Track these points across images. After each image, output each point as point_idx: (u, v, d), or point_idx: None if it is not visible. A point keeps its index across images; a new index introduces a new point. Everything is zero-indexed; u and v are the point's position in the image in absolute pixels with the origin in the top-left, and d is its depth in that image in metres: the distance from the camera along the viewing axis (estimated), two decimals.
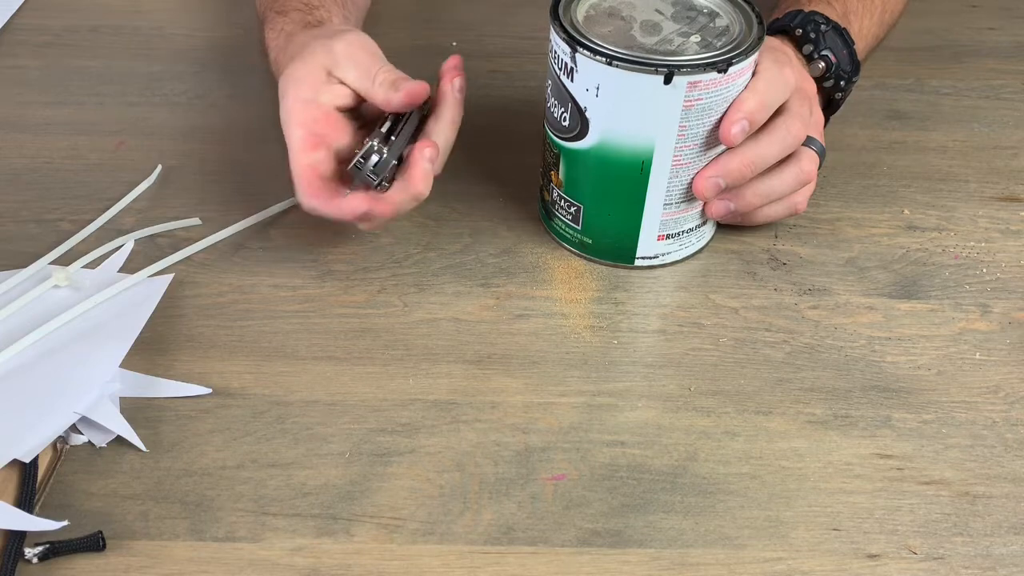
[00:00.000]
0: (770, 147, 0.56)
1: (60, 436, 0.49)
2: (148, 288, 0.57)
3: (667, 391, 0.53)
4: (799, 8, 0.63)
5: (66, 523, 0.45)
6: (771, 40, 0.58)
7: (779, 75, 0.55)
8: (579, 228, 0.60)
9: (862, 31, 0.66)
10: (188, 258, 0.60)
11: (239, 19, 0.83)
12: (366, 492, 0.48)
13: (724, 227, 0.63)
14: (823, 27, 0.61)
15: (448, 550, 0.46)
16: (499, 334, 0.56)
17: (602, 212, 0.58)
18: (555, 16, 0.55)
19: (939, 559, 0.46)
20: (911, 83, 0.78)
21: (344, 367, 0.54)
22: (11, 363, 0.52)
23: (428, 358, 0.55)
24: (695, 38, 0.54)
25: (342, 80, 0.56)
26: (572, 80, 0.54)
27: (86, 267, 0.58)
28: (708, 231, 0.61)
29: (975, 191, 0.68)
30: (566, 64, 0.54)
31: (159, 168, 0.66)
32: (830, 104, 0.63)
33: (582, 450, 0.50)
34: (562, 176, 0.58)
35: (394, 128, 0.55)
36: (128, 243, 0.60)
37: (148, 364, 0.53)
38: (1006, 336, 0.57)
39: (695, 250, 0.61)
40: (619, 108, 0.54)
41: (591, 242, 0.60)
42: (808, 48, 0.61)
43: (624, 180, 0.56)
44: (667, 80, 0.52)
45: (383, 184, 0.54)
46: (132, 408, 0.51)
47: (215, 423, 0.51)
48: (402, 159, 0.55)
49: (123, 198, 0.63)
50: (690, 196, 0.57)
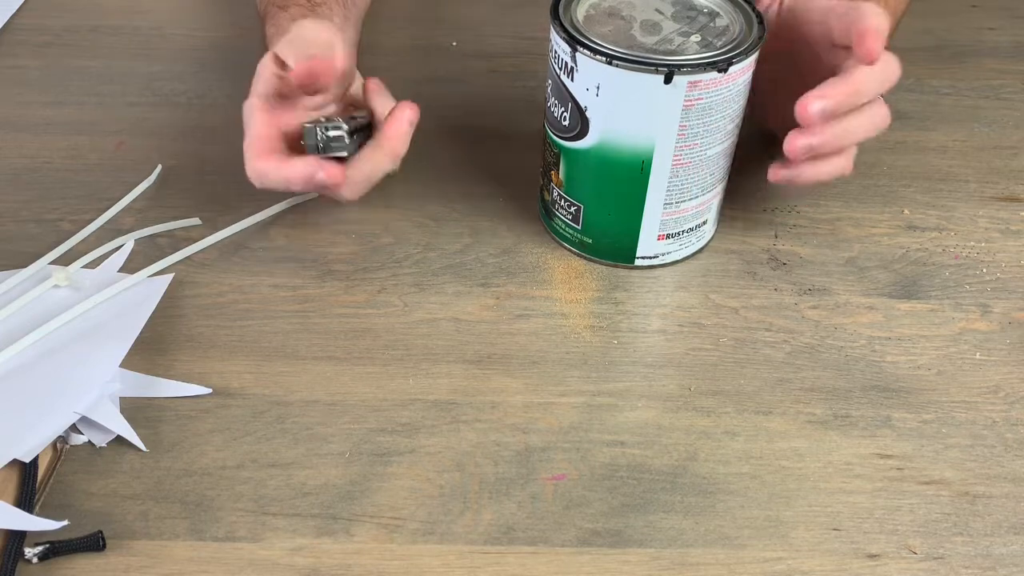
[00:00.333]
0: (874, 78, 0.55)
1: (60, 436, 0.49)
2: (148, 288, 0.57)
3: (667, 391, 0.53)
4: None
5: (66, 523, 0.45)
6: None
7: (870, 5, 0.55)
8: (579, 228, 0.60)
9: (889, 5, 0.66)
10: (188, 258, 0.60)
11: (239, 19, 0.83)
12: (366, 492, 0.48)
13: (724, 227, 0.63)
14: None
15: (448, 550, 0.46)
16: (499, 334, 0.56)
17: (602, 212, 0.58)
18: (555, 16, 0.55)
19: (939, 559, 0.46)
20: (911, 83, 0.78)
21: (344, 367, 0.54)
22: (11, 363, 0.52)
23: (428, 358, 0.55)
24: (695, 38, 0.54)
25: (286, 63, 0.57)
26: (572, 80, 0.54)
27: (86, 267, 0.58)
28: (708, 231, 0.61)
29: (975, 191, 0.68)
30: (566, 63, 0.54)
31: (159, 168, 0.66)
32: None
33: (582, 450, 0.50)
34: (562, 176, 0.58)
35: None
36: (128, 243, 0.60)
37: (148, 364, 0.53)
38: (1006, 336, 0.57)
39: (695, 250, 0.61)
40: (619, 108, 0.54)
41: (591, 242, 0.60)
42: None
43: (624, 180, 0.56)
44: (667, 80, 0.52)
45: (338, 148, 0.55)
46: (132, 408, 0.51)
47: (215, 423, 0.51)
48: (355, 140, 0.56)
49: (123, 198, 0.63)
50: (691, 195, 0.57)
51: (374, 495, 0.48)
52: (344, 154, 0.55)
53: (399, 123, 0.56)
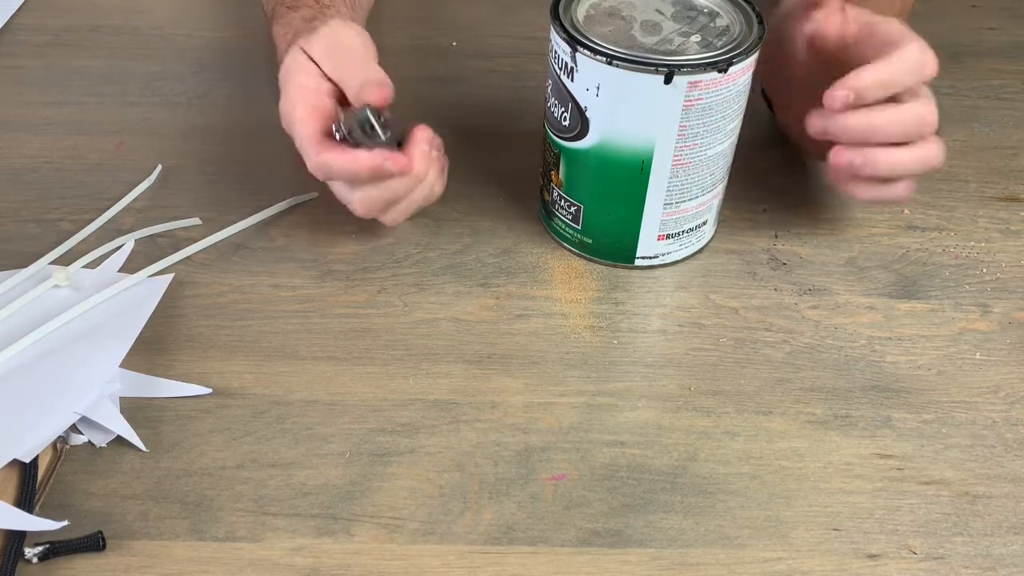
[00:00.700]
0: (894, 67, 0.56)
1: (60, 436, 0.49)
2: (148, 288, 0.57)
3: (667, 391, 0.53)
4: None
5: (66, 523, 0.45)
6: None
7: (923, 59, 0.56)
8: (579, 228, 0.60)
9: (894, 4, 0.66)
10: (188, 258, 0.60)
11: (239, 19, 0.83)
12: (366, 492, 0.48)
13: (724, 227, 0.63)
14: None
15: (448, 550, 0.46)
16: (499, 334, 0.56)
17: (602, 212, 0.58)
18: (555, 16, 0.55)
19: (939, 559, 0.46)
20: None
21: (344, 367, 0.54)
22: (11, 363, 0.52)
23: (428, 358, 0.55)
24: (695, 38, 0.54)
25: (322, 69, 0.57)
26: (572, 80, 0.54)
27: (86, 267, 0.58)
28: (708, 231, 0.61)
29: (975, 191, 0.68)
30: (566, 64, 0.54)
31: (159, 168, 0.66)
32: None
33: (582, 450, 0.50)
34: (562, 176, 0.58)
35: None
36: (128, 243, 0.60)
37: (148, 364, 0.53)
38: (1006, 336, 0.57)
39: (695, 250, 0.61)
40: (619, 108, 0.54)
41: (591, 242, 0.60)
42: None
43: (624, 180, 0.56)
44: (667, 80, 0.52)
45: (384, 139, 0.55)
46: (132, 408, 0.51)
47: (215, 423, 0.51)
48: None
49: (123, 198, 0.63)
50: (690, 196, 0.57)
51: (374, 495, 0.48)
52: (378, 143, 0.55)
53: (416, 144, 0.55)
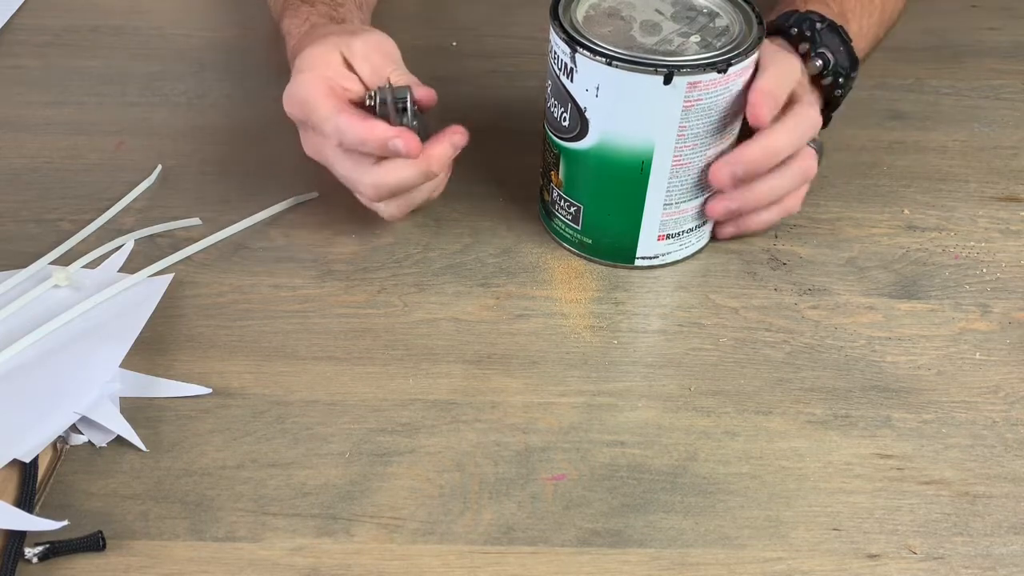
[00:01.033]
0: (789, 136, 0.56)
1: (60, 436, 0.49)
2: (148, 288, 0.57)
3: (667, 391, 0.53)
4: (794, 8, 0.63)
5: (66, 523, 0.45)
6: (766, 43, 0.57)
7: (786, 59, 0.55)
8: (579, 228, 0.60)
9: (861, 30, 0.66)
10: (188, 258, 0.60)
11: (239, 19, 0.83)
12: (366, 492, 0.48)
13: None
14: (819, 25, 0.61)
15: (448, 550, 0.46)
16: (499, 334, 0.56)
17: (602, 212, 0.58)
18: (555, 16, 0.55)
19: (939, 559, 0.46)
20: (911, 83, 0.78)
21: (344, 367, 0.54)
22: (11, 363, 0.52)
23: (428, 358, 0.55)
24: (695, 38, 0.54)
25: (357, 73, 0.57)
26: (572, 80, 0.54)
27: (86, 267, 0.58)
28: (708, 231, 0.61)
29: (975, 191, 0.68)
30: (566, 64, 0.54)
31: (159, 168, 0.66)
32: (829, 103, 0.63)
33: (582, 450, 0.50)
34: (562, 176, 0.58)
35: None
36: (128, 243, 0.60)
37: (148, 364, 0.53)
38: (1006, 336, 0.57)
39: (695, 250, 0.61)
40: (619, 108, 0.54)
41: (591, 242, 0.60)
42: (804, 47, 0.61)
43: (624, 180, 0.56)
44: (667, 80, 0.52)
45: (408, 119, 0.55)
46: (132, 408, 0.51)
47: (215, 423, 0.51)
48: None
49: (123, 198, 0.63)
50: (690, 196, 0.57)
51: (374, 495, 0.48)
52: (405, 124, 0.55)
53: (442, 144, 0.56)
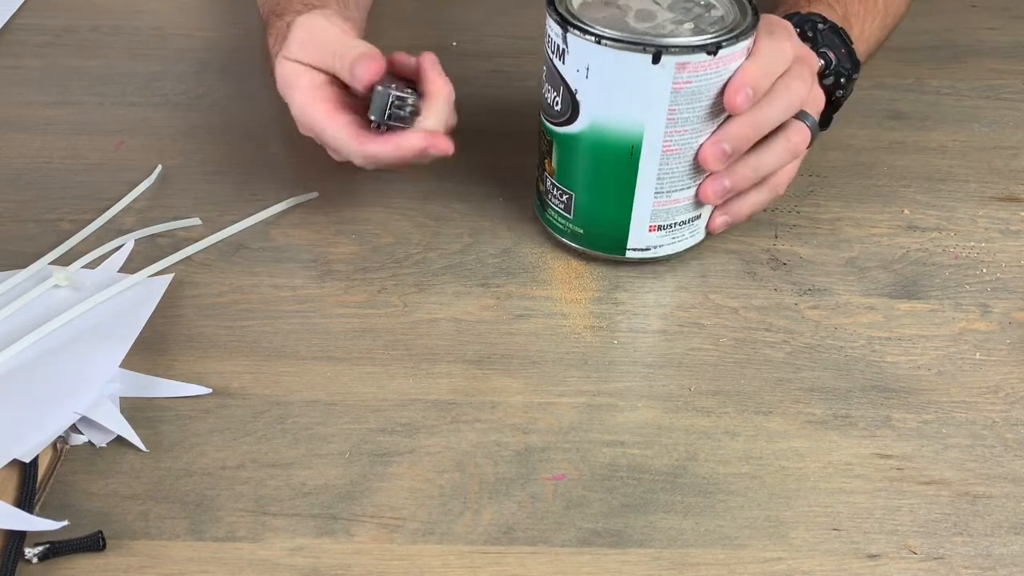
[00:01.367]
0: (772, 109, 0.56)
1: (60, 436, 0.49)
2: (148, 288, 0.57)
3: (667, 391, 0.53)
4: (796, 9, 0.63)
5: (66, 523, 0.45)
6: (768, 16, 0.57)
7: (777, 46, 0.55)
8: (571, 217, 0.59)
9: (863, 34, 0.66)
10: (188, 258, 0.60)
11: (239, 19, 0.83)
12: (366, 492, 0.48)
13: None
14: (820, 26, 0.61)
15: (448, 550, 0.46)
16: (499, 334, 0.56)
17: (593, 199, 0.58)
18: (551, 3, 0.55)
19: (939, 559, 0.46)
20: (911, 83, 0.78)
21: (344, 367, 0.54)
22: (11, 363, 0.52)
23: (428, 358, 0.55)
24: (688, 25, 0.54)
25: (311, 64, 0.57)
26: (564, 62, 0.55)
27: (86, 267, 0.58)
28: (701, 227, 0.61)
29: (975, 191, 0.68)
30: (559, 47, 0.55)
31: (159, 168, 0.66)
32: (831, 103, 0.63)
33: (582, 450, 0.50)
34: (555, 163, 0.59)
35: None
36: (128, 243, 0.60)
37: (148, 364, 0.53)
38: (1006, 336, 0.57)
39: (689, 245, 0.61)
40: (608, 89, 0.54)
41: (582, 232, 0.60)
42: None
43: (614, 165, 0.56)
44: (655, 60, 0.52)
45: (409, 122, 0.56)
46: (132, 408, 0.51)
47: (215, 423, 0.51)
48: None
49: (123, 198, 0.63)
50: (682, 185, 0.57)
51: (374, 495, 0.48)
52: (406, 125, 0.56)
53: (421, 139, 0.56)
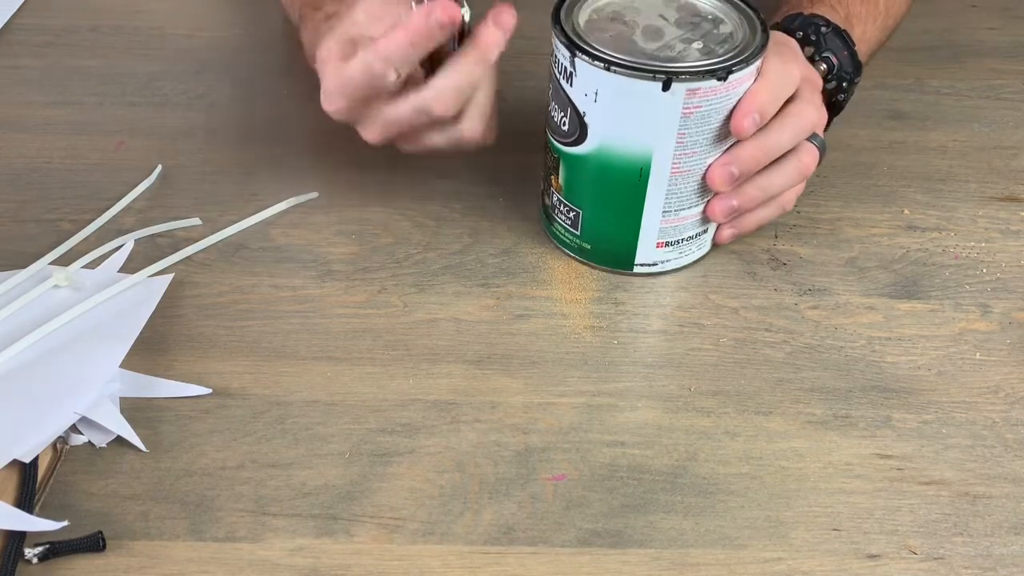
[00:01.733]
0: (782, 134, 0.56)
1: (60, 436, 0.49)
2: (148, 288, 0.57)
3: (667, 391, 0.53)
4: (800, 11, 0.63)
5: (66, 523, 0.45)
6: (776, 34, 0.58)
7: (785, 69, 0.55)
8: (578, 233, 0.59)
9: (865, 35, 0.66)
10: (188, 258, 0.60)
11: (239, 19, 0.83)
12: (366, 492, 0.48)
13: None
14: (823, 29, 0.61)
15: (448, 550, 0.46)
16: (499, 334, 0.56)
17: (601, 218, 0.58)
18: (556, 20, 0.54)
19: (939, 559, 0.46)
20: (911, 83, 0.78)
21: (344, 367, 0.54)
22: (11, 363, 0.52)
23: (428, 358, 0.55)
24: (697, 44, 0.54)
25: (372, 37, 0.55)
26: (571, 85, 0.54)
27: (86, 267, 0.58)
28: (708, 240, 0.61)
29: (975, 191, 0.68)
30: (565, 68, 0.54)
31: (159, 168, 0.66)
32: (832, 106, 0.63)
33: (582, 450, 0.50)
34: (562, 181, 0.58)
35: None
36: (128, 243, 0.60)
37: (148, 364, 0.53)
38: (1006, 336, 0.57)
39: (695, 259, 0.61)
40: (617, 114, 0.53)
41: (590, 247, 0.60)
42: (809, 51, 0.61)
43: (622, 187, 0.56)
44: (665, 87, 0.51)
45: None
46: (132, 408, 0.51)
47: (215, 423, 0.51)
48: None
49: (123, 198, 0.63)
50: (690, 203, 0.57)
51: (374, 495, 0.48)
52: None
53: (489, 27, 0.54)
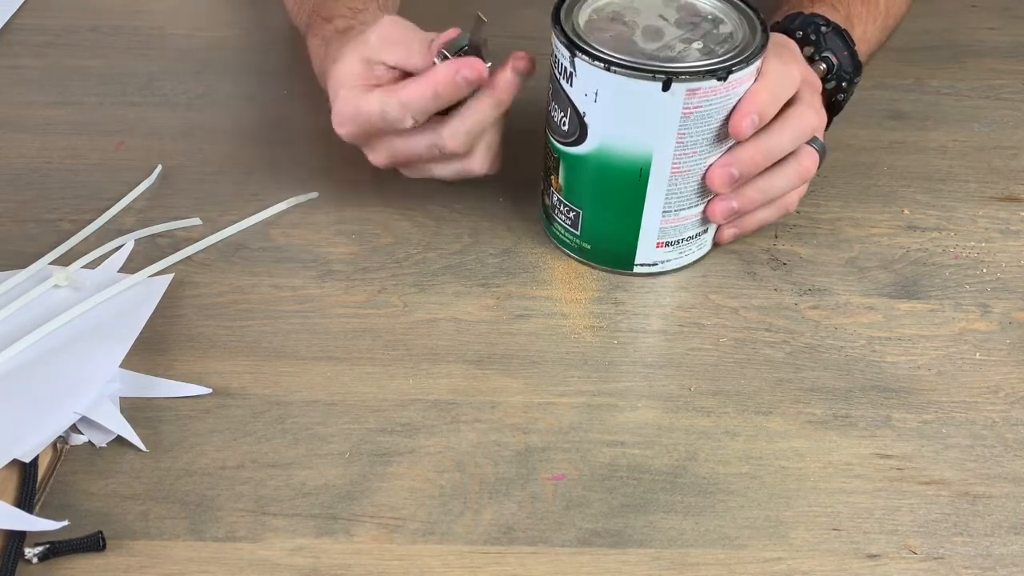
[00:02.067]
0: (782, 136, 0.56)
1: (60, 436, 0.49)
2: (148, 288, 0.57)
3: (667, 391, 0.53)
4: (800, 10, 0.63)
5: (66, 523, 0.45)
6: (776, 36, 0.58)
7: (785, 70, 0.55)
8: (578, 233, 0.59)
9: (865, 35, 0.66)
10: (188, 258, 0.60)
11: (239, 19, 0.83)
12: (366, 492, 0.48)
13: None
14: (823, 29, 0.61)
15: (448, 550, 0.46)
16: (499, 334, 0.56)
17: (601, 218, 0.58)
18: (556, 20, 0.54)
19: (939, 559, 0.46)
20: (911, 83, 0.78)
21: (344, 367, 0.54)
22: (11, 363, 0.52)
23: (428, 358, 0.55)
24: (697, 44, 0.54)
25: (384, 62, 0.56)
26: (571, 85, 0.54)
27: (86, 267, 0.58)
28: (708, 240, 0.61)
29: (975, 191, 0.68)
30: (565, 68, 0.54)
31: (159, 168, 0.66)
32: (832, 106, 0.63)
33: (582, 450, 0.50)
34: (562, 181, 0.58)
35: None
36: (128, 243, 0.60)
37: (148, 364, 0.53)
38: (1006, 336, 0.57)
39: (695, 259, 0.61)
40: (617, 114, 0.53)
41: (590, 247, 0.60)
42: (809, 50, 0.61)
43: (622, 187, 0.56)
44: (665, 87, 0.51)
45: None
46: (132, 408, 0.51)
47: (215, 423, 0.51)
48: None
49: (123, 198, 0.63)
50: (690, 204, 0.57)
51: (374, 495, 0.48)
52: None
53: (507, 72, 0.55)
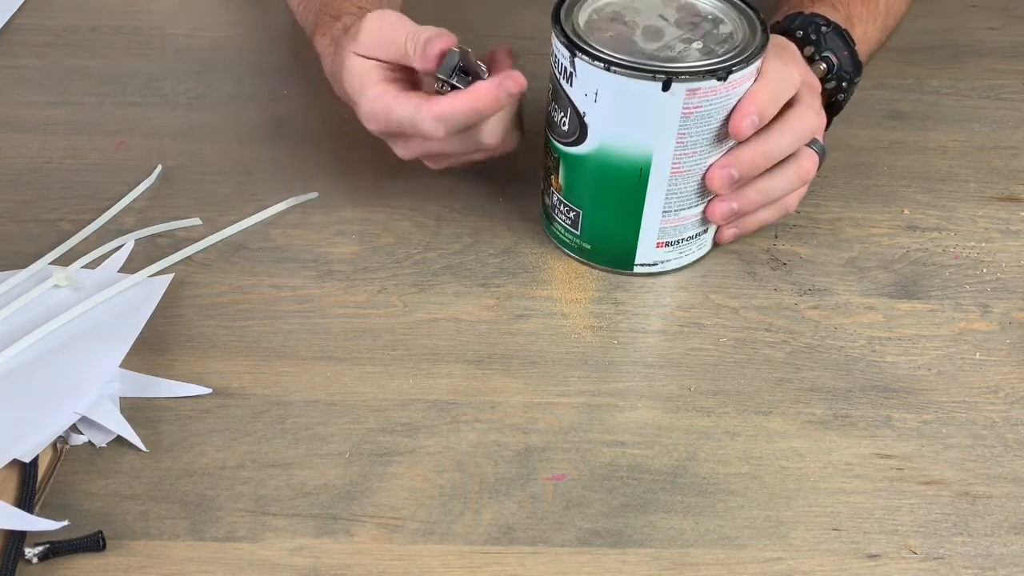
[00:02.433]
0: (782, 138, 0.56)
1: (60, 436, 0.49)
2: (148, 288, 0.57)
3: (667, 391, 0.53)
4: (800, 10, 0.63)
5: (66, 523, 0.45)
6: (776, 38, 0.58)
7: (785, 71, 0.55)
8: (578, 233, 0.59)
9: (865, 35, 0.66)
10: (188, 258, 0.60)
11: (239, 19, 0.83)
12: (366, 492, 0.48)
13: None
14: (824, 28, 0.61)
15: (448, 550, 0.46)
16: (499, 334, 0.56)
17: (601, 218, 0.58)
18: (556, 20, 0.54)
19: (939, 559, 0.46)
20: (911, 83, 0.78)
21: (344, 367, 0.54)
22: (11, 363, 0.52)
23: (428, 358, 0.55)
24: (697, 44, 0.54)
25: (378, 59, 0.57)
26: (571, 85, 0.54)
27: (86, 267, 0.58)
28: (708, 240, 0.61)
29: (975, 191, 0.68)
30: (565, 68, 0.54)
31: (159, 168, 0.66)
32: (832, 106, 0.63)
33: (582, 450, 0.50)
34: (562, 180, 0.58)
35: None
36: (128, 243, 0.60)
37: (148, 364, 0.53)
38: (1006, 336, 0.57)
39: (695, 259, 0.61)
40: (617, 114, 0.53)
41: (590, 247, 0.60)
42: (809, 50, 0.61)
43: (622, 187, 0.56)
44: (665, 87, 0.51)
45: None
46: (132, 408, 0.51)
47: (215, 423, 0.51)
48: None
49: (123, 198, 0.63)
50: (690, 204, 0.57)
51: (374, 495, 0.48)
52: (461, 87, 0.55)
53: (492, 83, 0.54)
